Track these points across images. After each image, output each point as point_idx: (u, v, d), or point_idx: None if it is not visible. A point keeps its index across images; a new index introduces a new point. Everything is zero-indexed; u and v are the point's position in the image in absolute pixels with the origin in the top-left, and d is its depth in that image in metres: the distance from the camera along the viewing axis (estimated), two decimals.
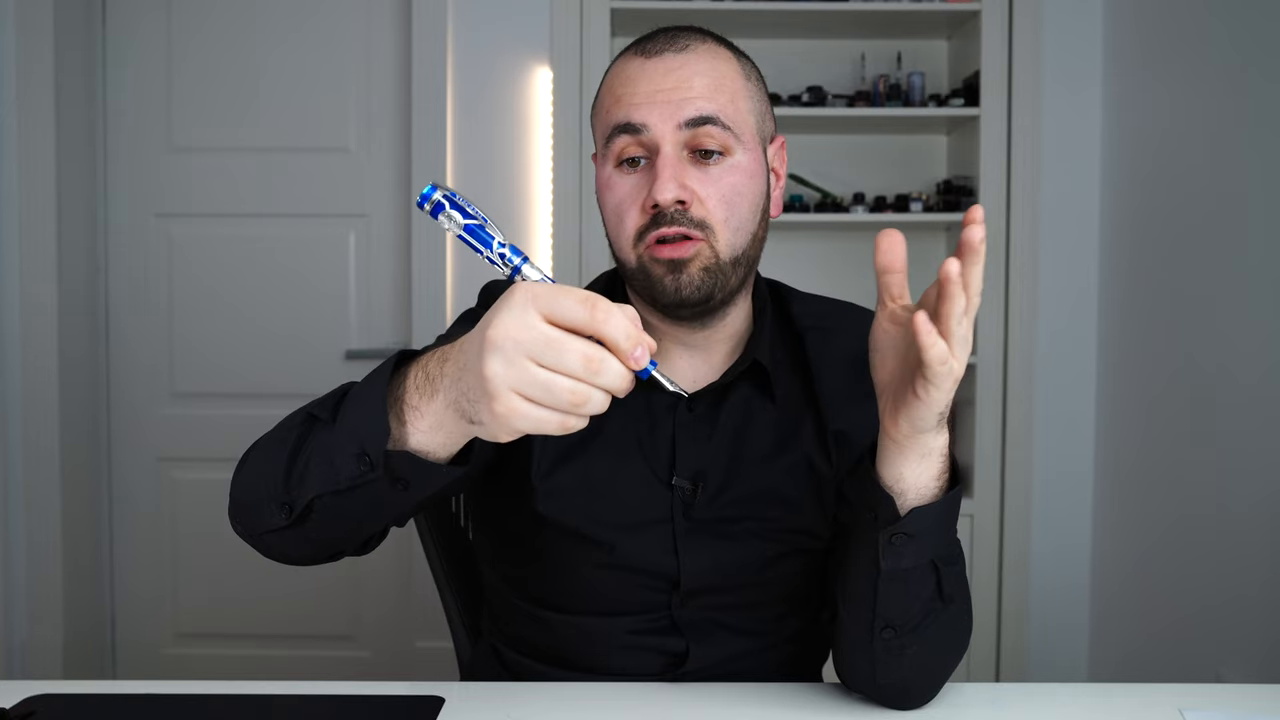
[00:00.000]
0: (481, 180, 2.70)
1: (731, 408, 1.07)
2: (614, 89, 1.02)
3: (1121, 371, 2.56)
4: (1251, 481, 1.98)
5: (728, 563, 1.04)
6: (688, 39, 1.03)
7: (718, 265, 1.00)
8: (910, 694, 0.97)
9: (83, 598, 2.73)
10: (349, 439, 0.80)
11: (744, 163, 1.01)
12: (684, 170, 0.99)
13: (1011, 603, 2.65)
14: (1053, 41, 2.65)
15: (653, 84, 1.00)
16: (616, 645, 1.07)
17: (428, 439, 0.79)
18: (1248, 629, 1.98)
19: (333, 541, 0.90)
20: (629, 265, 1.03)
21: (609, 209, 1.03)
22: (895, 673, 0.94)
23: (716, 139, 0.99)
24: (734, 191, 1.00)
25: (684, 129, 0.98)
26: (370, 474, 0.80)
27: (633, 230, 1.01)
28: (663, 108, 0.98)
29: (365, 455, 0.80)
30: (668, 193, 0.97)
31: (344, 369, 2.79)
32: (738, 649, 1.07)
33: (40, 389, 2.62)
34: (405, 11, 2.71)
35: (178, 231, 2.80)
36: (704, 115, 0.98)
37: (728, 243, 1.00)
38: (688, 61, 1.00)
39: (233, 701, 0.99)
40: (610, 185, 1.02)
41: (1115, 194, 2.60)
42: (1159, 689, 1.03)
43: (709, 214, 0.99)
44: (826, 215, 2.63)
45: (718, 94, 1.00)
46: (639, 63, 1.02)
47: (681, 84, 0.99)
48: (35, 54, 2.58)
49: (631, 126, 0.99)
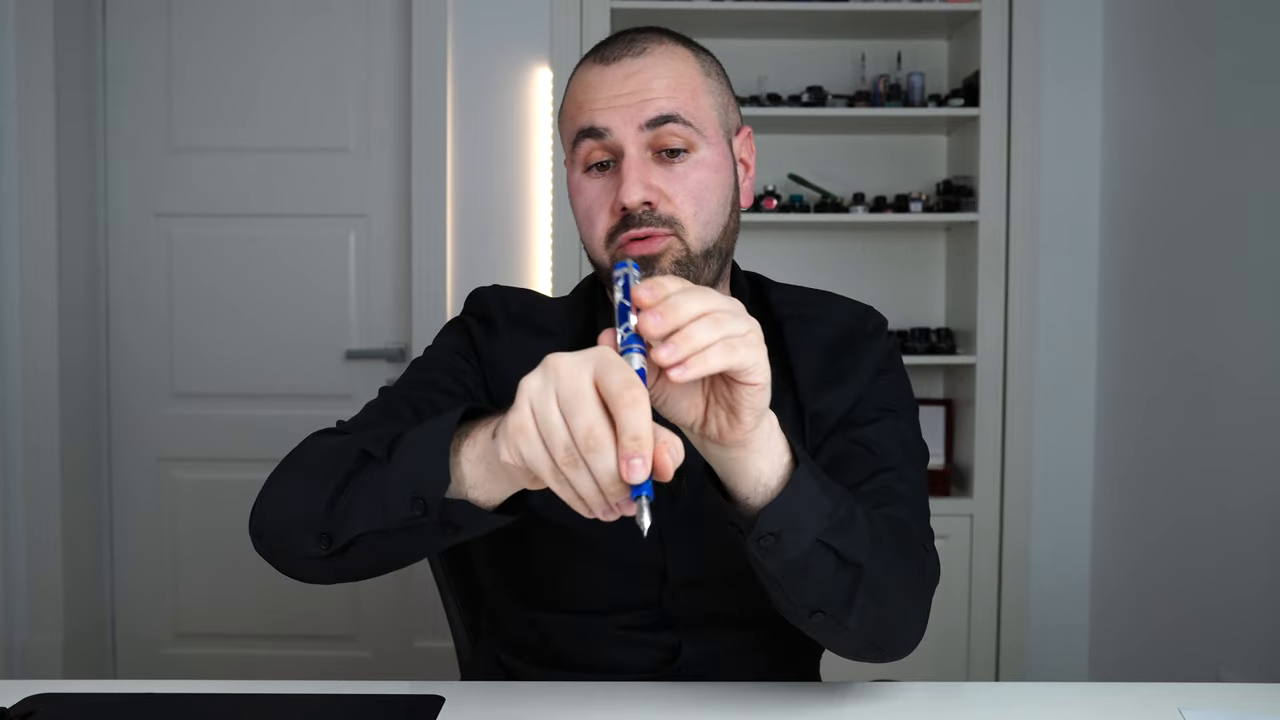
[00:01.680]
0: (481, 180, 2.70)
1: None
2: (575, 96, 1.04)
3: (1121, 371, 2.56)
4: (1251, 481, 1.98)
5: (714, 551, 1.04)
6: (645, 42, 1.04)
7: (689, 259, 1.01)
8: (885, 648, 0.94)
9: (83, 598, 2.74)
10: (404, 481, 0.82)
11: (709, 157, 1.02)
12: (649, 170, 1.00)
13: (1011, 602, 2.65)
14: (1053, 41, 2.65)
15: (612, 89, 1.01)
16: (610, 642, 1.07)
17: (482, 491, 0.80)
18: (1248, 628, 1.98)
19: (364, 571, 0.92)
20: (603, 266, 1.04)
21: (580, 213, 1.05)
22: (855, 640, 0.92)
23: (680, 136, 1.00)
24: (701, 186, 1.02)
25: (646, 130, 1.00)
26: (423, 518, 0.82)
27: (603, 233, 1.02)
28: (624, 111, 1.00)
29: (420, 499, 0.81)
30: (634, 195, 0.99)
31: (344, 369, 2.79)
32: (731, 642, 1.07)
33: (40, 389, 2.62)
34: (405, 12, 2.71)
35: (178, 231, 2.80)
36: (664, 114, 1.00)
37: (698, 237, 1.02)
38: (645, 65, 1.02)
39: (233, 701, 0.99)
40: (579, 190, 1.05)
41: (1115, 194, 2.60)
42: (1158, 688, 1.03)
43: (677, 210, 1.01)
44: (826, 215, 2.63)
45: (677, 92, 1.01)
46: (598, 70, 1.03)
47: (640, 87, 1.01)
48: (35, 54, 2.58)
49: (595, 131, 1.01)
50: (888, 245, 2.85)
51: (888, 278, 2.83)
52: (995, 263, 2.61)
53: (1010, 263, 2.62)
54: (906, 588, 0.94)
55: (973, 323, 2.64)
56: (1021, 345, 2.63)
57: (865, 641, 0.92)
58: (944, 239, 2.87)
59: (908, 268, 2.86)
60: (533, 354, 1.08)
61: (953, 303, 2.83)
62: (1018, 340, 2.63)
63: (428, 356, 1.13)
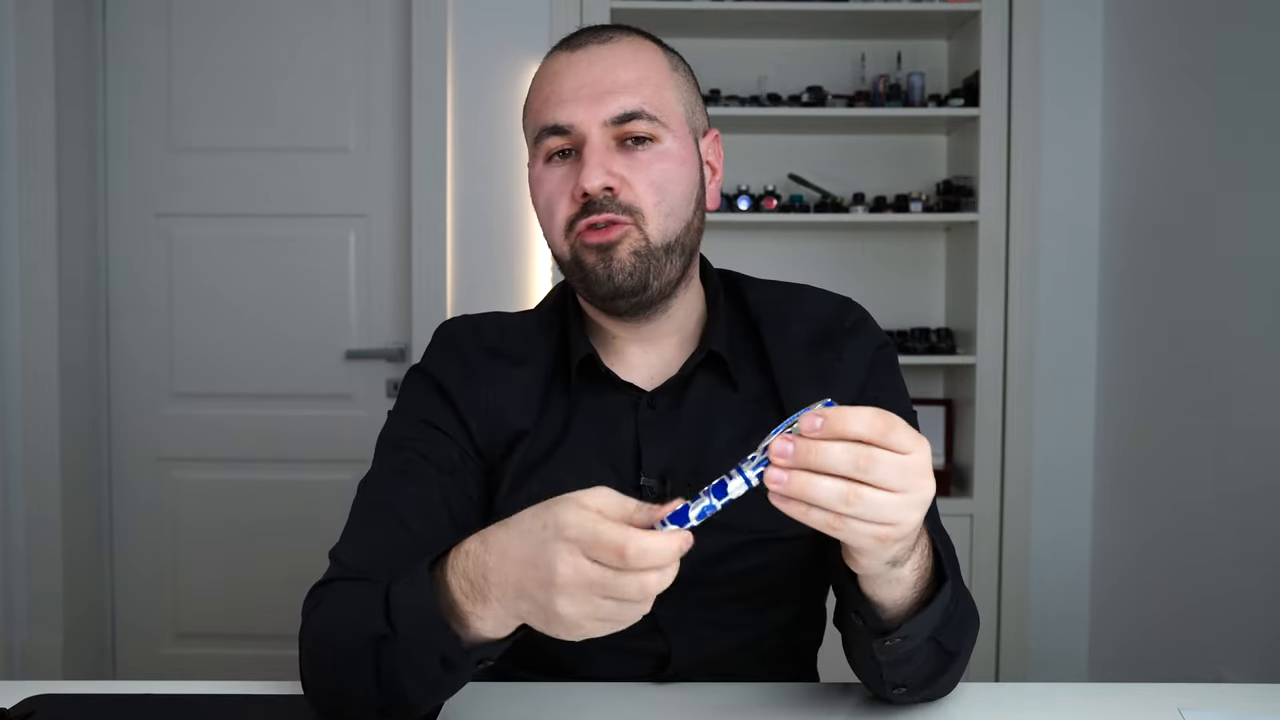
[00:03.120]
0: (481, 180, 2.70)
1: (693, 401, 1.07)
2: (541, 89, 1.03)
3: (1121, 371, 2.56)
4: (1251, 481, 1.98)
5: (703, 557, 1.04)
6: (612, 32, 1.04)
7: (649, 250, 1.00)
8: (936, 699, 1.00)
9: (83, 598, 2.74)
10: (426, 651, 0.82)
11: (673, 149, 1.02)
12: (612, 157, 0.99)
13: (1011, 601, 2.65)
14: (1053, 41, 2.65)
15: (577, 78, 1.00)
16: (599, 650, 1.06)
17: (494, 630, 0.81)
18: (1248, 626, 1.99)
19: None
20: (564, 258, 1.03)
21: (541, 204, 1.04)
22: (918, 700, 0.98)
23: (643, 129, 1.00)
24: (664, 177, 1.00)
25: (609, 126, 0.99)
26: (458, 672, 0.83)
27: (563, 220, 1.01)
28: (588, 105, 0.99)
29: (447, 660, 0.82)
30: (595, 180, 0.98)
31: (344, 369, 2.79)
32: (722, 645, 1.06)
33: (40, 389, 2.62)
34: (405, 12, 2.71)
35: (178, 231, 2.80)
36: (629, 112, 0.99)
37: (658, 227, 1.00)
38: (612, 51, 1.01)
39: (233, 701, 0.99)
40: (540, 181, 1.03)
41: (1115, 193, 2.60)
42: (1158, 688, 1.03)
43: (638, 198, 1.00)
44: (826, 215, 2.63)
45: (642, 85, 1.00)
46: (564, 58, 1.03)
47: (605, 75, 1.00)
48: (35, 54, 2.58)
49: (558, 128, 1.00)
50: (887, 245, 2.85)
51: (888, 278, 2.83)
52: (995, 263, 2.61)
53: (1010, 263, 2.62)
54: (970, 652, 0.98)
55: (973, 323, 2.64)
56: (1021, 345, 2.63)
57: (924, 700, 0.98)
58: (944, 239, 2.87)
59: (908, 268, 2.86)
60: (513, 384, 1.08)
61: (953, 303, 2.83)
62: (1018, 340, 2.63)
63: (397, 433, 1.07)
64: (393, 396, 2.56)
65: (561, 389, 1.08)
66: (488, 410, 1.06)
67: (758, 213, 2.61)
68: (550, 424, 1.07)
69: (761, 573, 1.05)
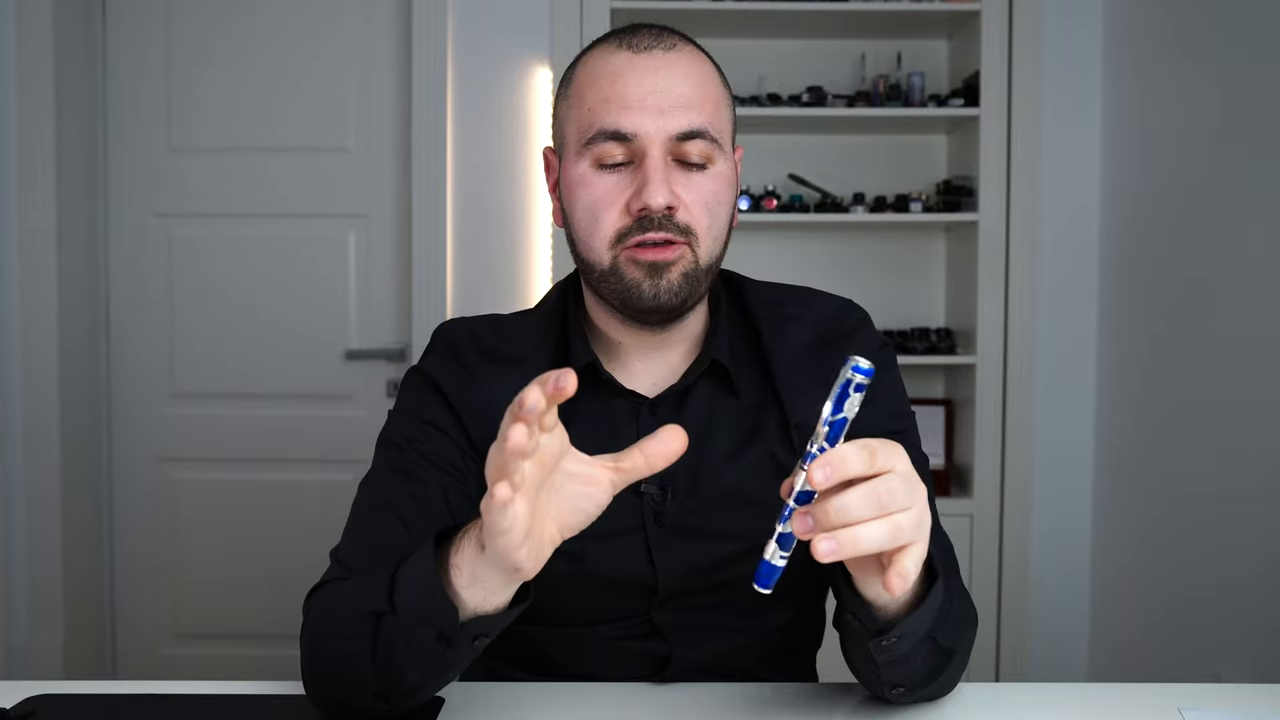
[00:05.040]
0: (481, 180, 2.70)
1: (694, 408, 1.07)
2: (599, 86, 0.99)
3: (1121, 370, 2.56)
4: (1251, 481, 1.98)
5: (703, 564, 1.03)
6: (673, 38, 1.02)
7: (697, 271, 1.00)
8: (935, 700, 1.00)
9: (83, 598, 2.74)
10: (423, 625, 0.82)
11: (724, 171, 1.01)
12: (672, 175, 0.99)
13: (1011, 601, 2.65)
14: (1053, 41, 2.65)
15: (643, 83, 0.98)
16: (599, 653, 1.06)
17: (489, 603, 0.81)
18: (1248, 627, 1.99)
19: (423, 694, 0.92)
20: (601, 267, 1.01)
21: (581, 206, 1.00)
22: (917, 700, 0.97)
23: (700, 152, 0.99)
24: (715, 200, 1.00)
25: (672, 141, 0.98)
26: (452, 649, 0.83)
27: (611, 231, 0.99)
28: (655, 117, 0.97)
29: (444, 635, 0.82)
30: (660, 198, 0.96)
31: (344, 369, 2.79)
32: (722, 648, 1.06)
33: (40, 389, 2.62)
34: (405, 11, 2.71)
35: (178, 231, 2.80)
36: (695, 129, 0.98)
37: (707, 250, 1.00)
38: (676, 61, 1.00)
39: (233, 701, 0.99)
40: (586, 183, 1.00)
41: (1115, 193, 2.60)
42: (1158, 689, 1.03)
43: (694, 220, 0.99)
44: (826, 215, 2.63)
45: (705, 102, 0.99)
46: (625, 57, 1.00)
47: (670, 85, 0.98)
48: (35, 54, 2.58)
49: (620, 135, 0.98)
50: (888, 245, 2.85)
51: (888, 278, 2.83)
52: (995, 262, 2.61)
53: (1010, 262, 2.62)
54: (969, 652, 0.97)
55: (973, 323, 2.64)
56: (1021, 345, 2.63)
57: (923, 700, 0.98)
58: (944, 239, 2.87)
59: (908, 268, 2.86)
60: (511, 386, 1.08)
61: (953, 303, 2.83)
62: (1018, 340, 2.63)
63: (397, 433, 1.07)
64: (393, 396, 2.56)
65: None
66: (486, 411, 1.06)
67: (758, 213, 2.61)
68: None
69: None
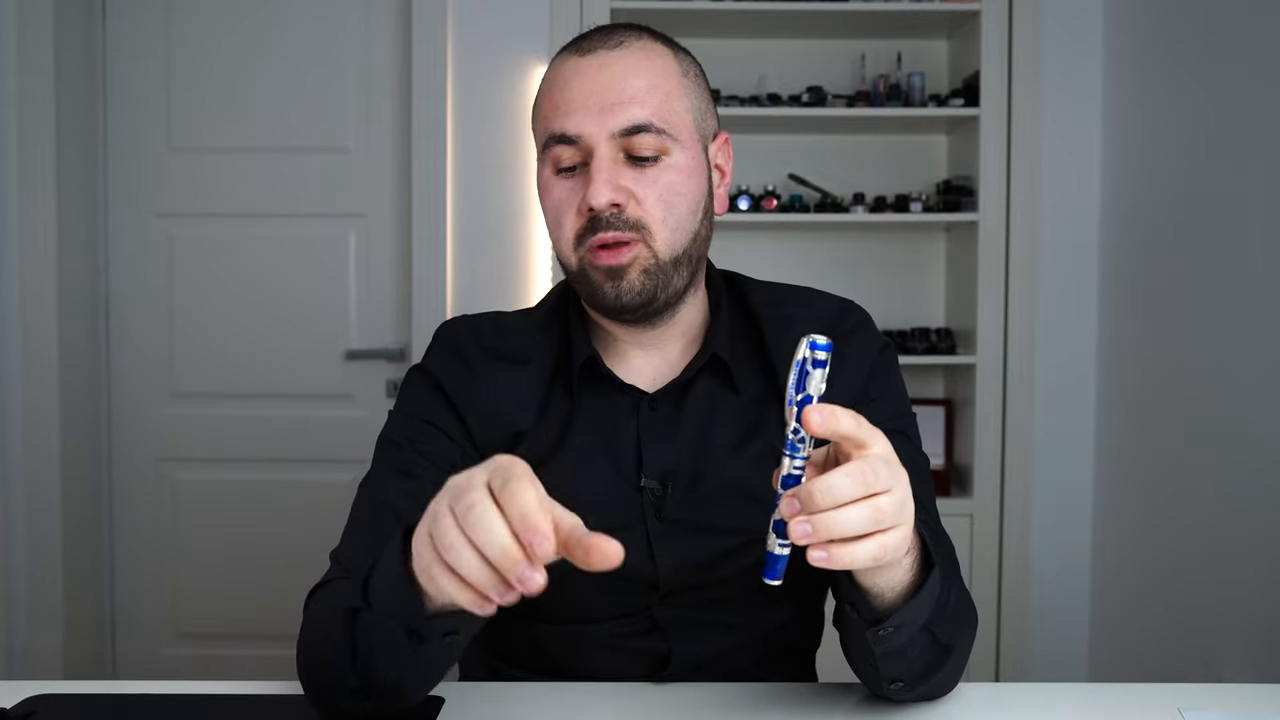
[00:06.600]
0: (481, 180, 2.70)
1: (694, 403, 1.07)
2: (550, 93, 1.02)
3: (1121, 370, 2.56)
4: (1251, 483, 1.98)
5: (703, 559, 1.03)
6: (623, 35, 1.02)
7: (657, 266, 1.00)
8: (934, 699, 0.99)
9: (83, 598, 2.73)
10: (392, 620, 0.82)
11: (681, 162, 1.01)
12: (619, 172, 0.99)
13: (1011, 601, 2.65)
14: (1053, 41, 2.65)
15: (585, 85, 0.99)
16: (599, 649, 1.06)
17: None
18: (1248, 627, 1.99)
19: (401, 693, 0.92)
20: (571, 269, 1.04)
21: (548, 212, 1.04)
22: (915, 697, 0.97)
23: (650, 145, 0.99)
24: (671, 191, 1.00)
25: (617, 138, 0.99)
26: (426, 645, 0.82)
27: (571, 234, 1.01)
28: (596, 116, 0.98)
29: (415, 632, 0.81)
30: (601, 197, 0.97)
31: (344, 369, 2.79)
32: (722, 645, 1.06)
33: (40, 389, 2.62)
34: (405, 11, 2.71)
35: (178, 231, 2.80)
36: (637, 124, 0.98)
37: (666, 242, 1.00)
38: (621, 58, 1.00)
39: (233, 701, 0.99)
40: (548, 189, 1.03)
41: (1115, 193, 2.60)
42: (1158, 689, 1.03)
43: (645, 214, 0.99)
44: (826, 215, 2.63)
45: (651, 94, 0.99)
46: (573, 62, 1.02)
47: (614, 83, 0.99)
48: (35, 54, 2.58)
49: (565, 138, 1.00)
50: (888, 245, 2.85)
51: (887, 278, 2.83)
52: (995, 262, 2.61)
53: (1010, 262, 2.62)
54: (968, 650, 0.97)
55: (972, 323, 2.64)
56: (1021, 345, 2.63)
57: (922, 698, 0.97)
58: (944, 239, 2.87)
59: (908, 268, 2.86)
60: (513, 384, 1.08)
61: (952, 303, 2.83)
62: (1018, 340, 2.63)
63: (398, 433, 1.07)
64: (393, 396, 2.56)
65: (563, 389, 1.08)
66: (488, 410, 1.06)
67: (758, 213, 2.61)
68: (551, 424, 1.07)
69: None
